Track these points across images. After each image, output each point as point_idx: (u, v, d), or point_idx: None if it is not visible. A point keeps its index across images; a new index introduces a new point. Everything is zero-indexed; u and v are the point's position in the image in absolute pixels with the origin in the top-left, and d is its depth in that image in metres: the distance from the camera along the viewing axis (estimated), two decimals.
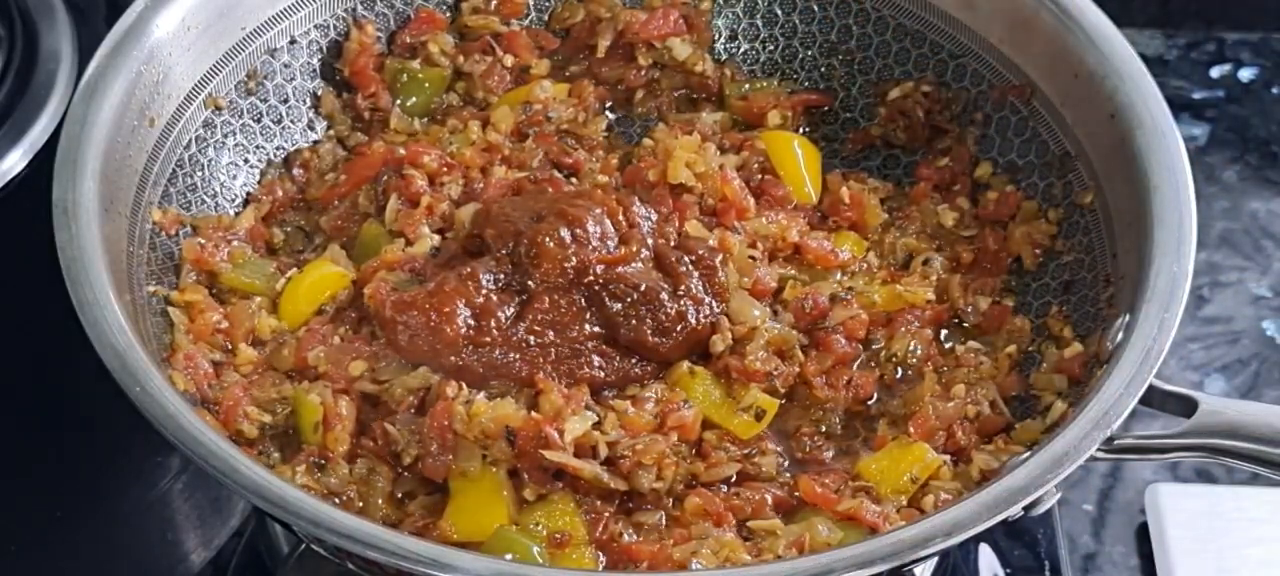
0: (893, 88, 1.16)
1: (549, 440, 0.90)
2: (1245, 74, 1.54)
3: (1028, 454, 0.88)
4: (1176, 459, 1.09)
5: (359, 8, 1.16)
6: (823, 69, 1.20)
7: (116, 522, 1.14)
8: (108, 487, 1.16)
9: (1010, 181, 1.11)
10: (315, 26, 1.15)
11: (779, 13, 1.20)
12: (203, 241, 1.04)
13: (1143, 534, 1.18)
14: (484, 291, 0.97)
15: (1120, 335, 0.93)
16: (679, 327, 0.98)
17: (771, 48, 1.21)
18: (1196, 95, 1.52)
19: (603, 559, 0.90)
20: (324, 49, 1.16)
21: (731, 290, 1.01)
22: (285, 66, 1.14)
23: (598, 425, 0.92)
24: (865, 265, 1.08)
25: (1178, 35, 1.57)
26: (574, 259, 0.97)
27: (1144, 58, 1.06)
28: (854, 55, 1.19)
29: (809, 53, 1.20)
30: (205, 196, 1.08)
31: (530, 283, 0.97)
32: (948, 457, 0.95)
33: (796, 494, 0.94)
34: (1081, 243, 1.05)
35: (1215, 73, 1.54)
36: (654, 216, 1.04)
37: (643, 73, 1.19)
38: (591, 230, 0.99)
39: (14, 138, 1.16)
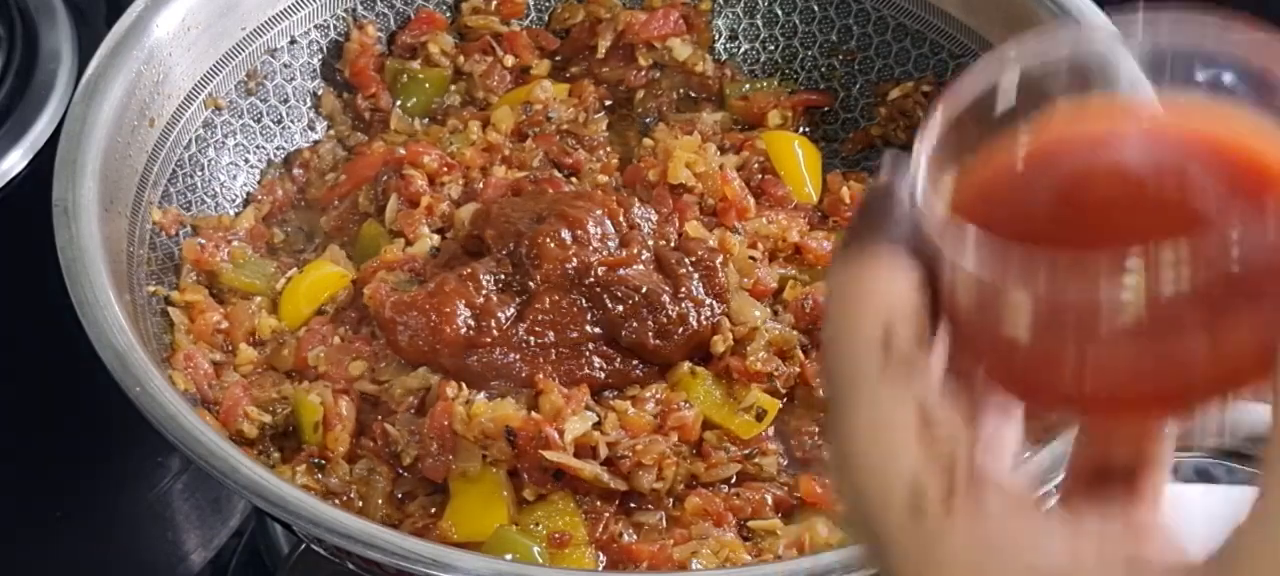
0: (893, 88, 1.16)
1: (549, 440, 0.90)
2: None
3: (1028, 454, 0.88)
4: (1176, 459, 1.08)
5: (359, 8, 1.16)
6: (823, 69, 1.20)
7: (116, 522, 1.14)
8: (108, 487, 1.15)
9: None
10: (315, 26, 1.15)
11: (779, 13, 1.20)
12: (203, 241, 1.04)
13: None
14: (484, 292, 0.97)
15: None
16: (680, 331, 0.98)
17: (771, 48, 1.21)
18: None
19: (603, 559, 0.90)
20: (324, 49, 1.16)
21: (732, 291, 1.01)
22: (285, 66, 1.14)
23: (598, 425, 0.92)
24: None
25: None
26: (575, 260, 0.97)
27: None
28: (854, 55, 1.19)
29: (809, 53, 1.20)
30: (205, 196, 1.08)
31: (531, 283, 0.97)
32: None
33: (797, 494, 0.94)
34: None
35: None
36: (654, 217, 1.04)
37: (643, 73, 1.19)
38: (592, 231, 0.99)
39: (14, 138, 1.16)
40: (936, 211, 0.42)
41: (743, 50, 1.21)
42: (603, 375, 0.96)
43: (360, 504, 0.93)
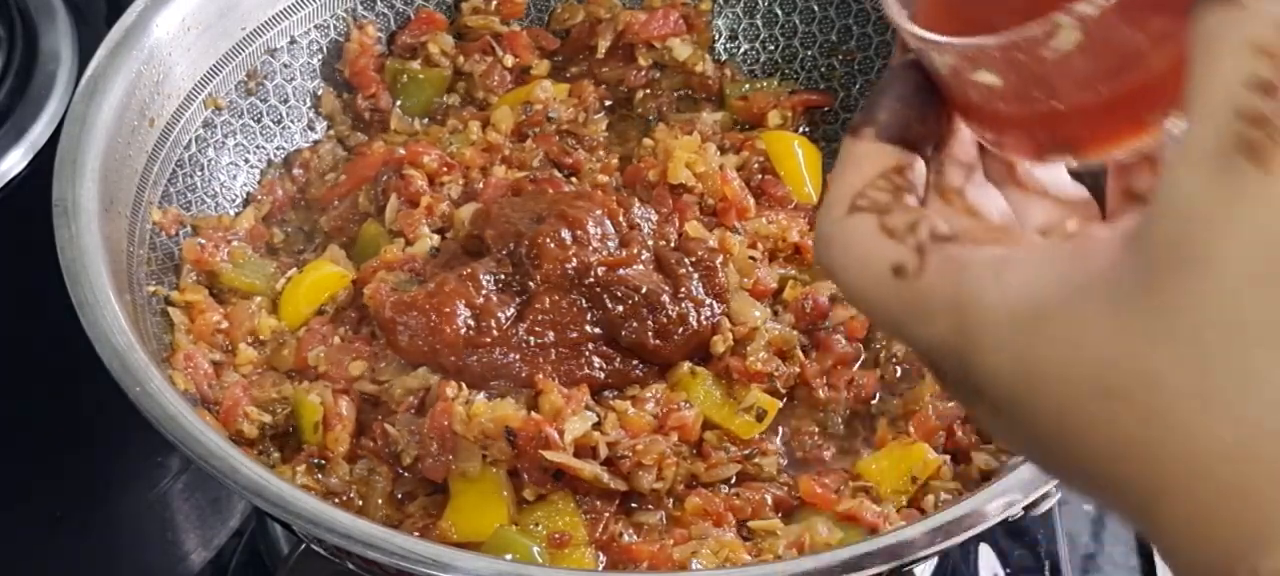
0: None
1: (549, 440, 0.90)
2: None
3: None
4: None
5: (359, 8, 1.16)
6: (823, 69, 1.20)
7: (116, 522, 1.14)
8: (108, 487, 1.15)
9: None
10: (315, 26, 1.15)
11: (779, 13, 1.20)
12: (203, 241, 1.04)
13: None
14: (484, 292, 0.97)
15: None
16: (680, 331, 0.98)
17: (771, 48, 1.21)
18: None
19: (603, 559, 0.90)
20: (324, 49, 1.16)
21: (732, 291, 1.01)
22: (285, 66, 1.14)
23: (598, 425, 0.92)
24: None
25: None
26: (574, 260, 0.97)
27: None
28: (854, 55, 1.19)
29: (809, 53, 1.20)
30: (205, 196, 1.08)
31: (531, 283, 0.97)
32: (948, 457, 0.95)
33: (796, 494, 0.94)
34: None
35: None
36: (654, 217, 1.04)
37: (643, 73, 1.19)
38: (592, 231, 0.99)
39: (14, 138, 1.16)
40: (905, 26, 0.50)
41: (743, 50, 1.21)
42: (603, 375, 0.96)
43: (360, 504, 0.93)
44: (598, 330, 0.97)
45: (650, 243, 1.01)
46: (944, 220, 0.49)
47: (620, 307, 0.97)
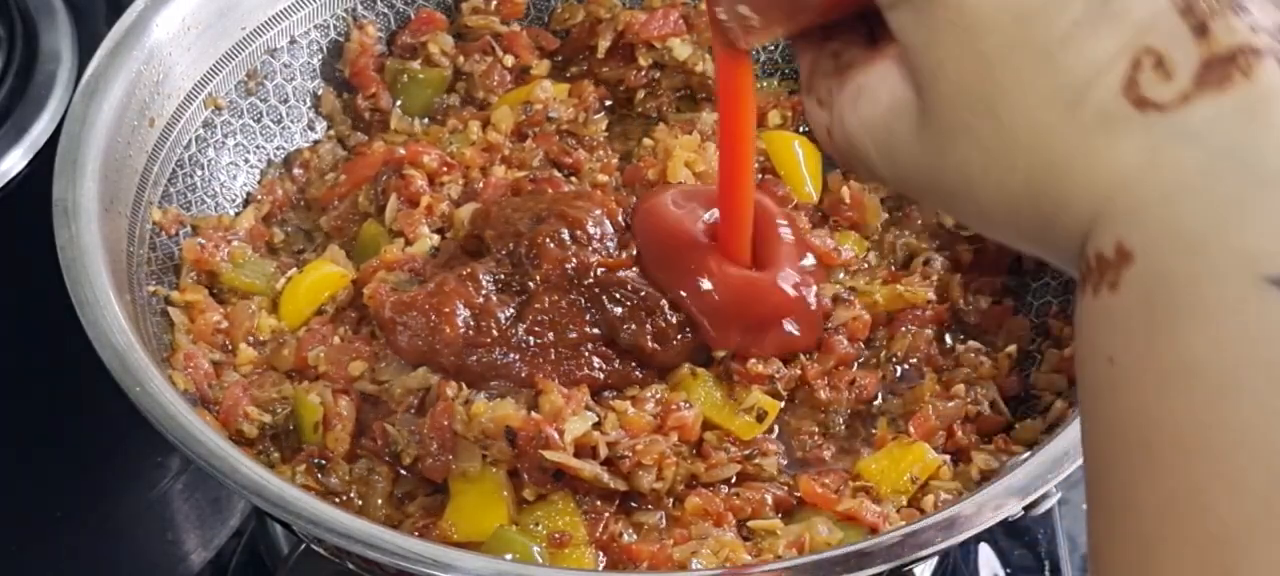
0: None
1: (549, 440, 0.90)
2: None
3: (1028, 454, 0.88)
4: None
5: (359, 8, 1.16)
6: None
7: (116, 522, 1.14)
8: (108, 487, 1.16)
9: None
10: (315, 26, 1.15)
11: None
12: (203, 241, 1.04)
13: None
14: (484, 292, 0.97)
15: None
16: (678, 337, 0.98)
17: (771, 48, 1.21)
18: None
19: (603, 559, 0.90)
20: (324, 49, 1.16)
21: None
22: (285, 66, 1.14)
23: (598, 425, 0.92)
24: (866, 265, 1.08)
25: None
26: (574, 260, 0.97)
27: None
28: None
29: None
30: (205, 196, 1.08)
31: (530, 283, 0.97)
32: (948, 457, 0.95)
33: (796, 494, 0.94)
34: None
35: None
36: None
37: (643, 73, 1.19)
38: (592, 231, 0.99)
39: (14, 138, 1.16)
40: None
41: None
42: (602, 375, 0.96)
43: (360, 504, 0.93)
44: (597, 330, 0.97)
45: None
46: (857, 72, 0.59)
47: (619, 309, 0.97)
